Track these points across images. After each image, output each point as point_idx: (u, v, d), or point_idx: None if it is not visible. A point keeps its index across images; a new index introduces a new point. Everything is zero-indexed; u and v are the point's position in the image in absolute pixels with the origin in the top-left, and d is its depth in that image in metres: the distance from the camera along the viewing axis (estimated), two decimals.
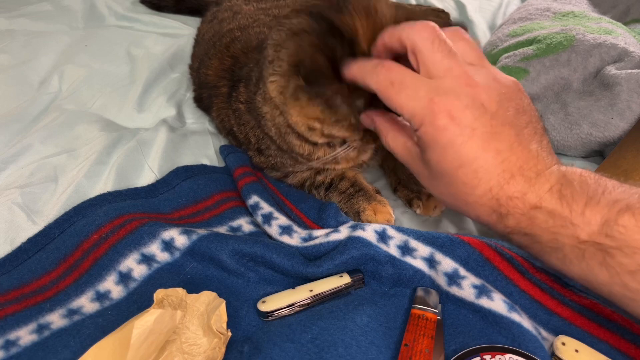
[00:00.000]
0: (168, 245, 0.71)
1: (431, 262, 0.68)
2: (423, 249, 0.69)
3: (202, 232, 0.74)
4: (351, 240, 0.69)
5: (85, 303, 0.67)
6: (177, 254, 0.72)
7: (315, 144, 0.79)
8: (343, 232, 0.72)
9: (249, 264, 0.71)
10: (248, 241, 0.72)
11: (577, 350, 0.59)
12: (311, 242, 0.72)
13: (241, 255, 0.71)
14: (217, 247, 0.71)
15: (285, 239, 0.74)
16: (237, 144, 0.95)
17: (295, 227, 0.76)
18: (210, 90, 1.00)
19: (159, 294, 0.60)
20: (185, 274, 0.71)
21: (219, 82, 0.96)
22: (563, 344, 0.60)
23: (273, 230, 0.76)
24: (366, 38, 0.62)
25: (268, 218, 0.77)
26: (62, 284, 0.70)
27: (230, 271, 0.71)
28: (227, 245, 0.71)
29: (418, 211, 0.82)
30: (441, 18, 1.27)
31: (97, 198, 0.82)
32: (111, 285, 0.69)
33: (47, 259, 0.73)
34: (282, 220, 0.77)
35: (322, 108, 0.68)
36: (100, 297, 0.68)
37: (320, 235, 0.73)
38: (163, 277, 0.70)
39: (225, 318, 0.60)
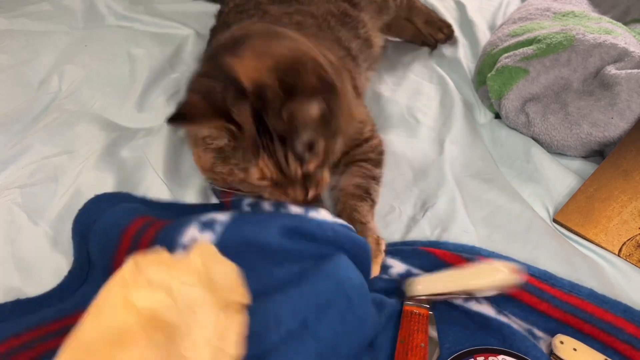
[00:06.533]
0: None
1: (409, 275, 0.70)
2: (400, 266, 0.71)
3: (224, 217, 0.66)
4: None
5: None
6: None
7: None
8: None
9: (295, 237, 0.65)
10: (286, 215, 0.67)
11: (575, 349, 0.60)
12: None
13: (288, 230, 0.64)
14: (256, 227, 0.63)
15: (283, 210, 0.71)
16: None
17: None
18: None
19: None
20: None
21: None
22: (561, 342, 0.61)
23: (267, 208, 0.73)
24: (249, 78, 0.64)
25: (255, 204, 0.74)
26: None
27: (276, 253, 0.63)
28: (272, 221, 0.65)
29: None
30: (443, 33, 1.25)
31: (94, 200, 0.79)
32: None
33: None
34: (269, 204, 0.74)
35: (213, 156, 0.67)
36: None
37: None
38: None
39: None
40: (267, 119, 0.63)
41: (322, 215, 0.69)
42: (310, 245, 0.64)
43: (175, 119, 0.62)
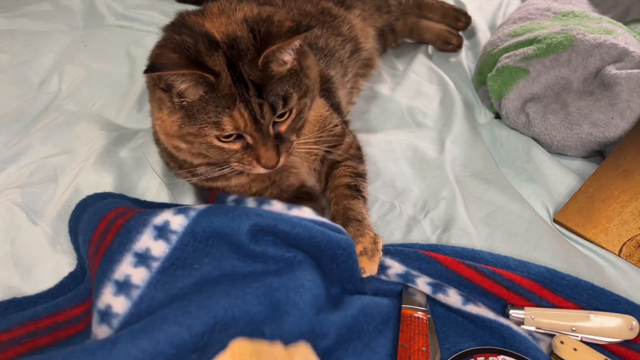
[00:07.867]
0: (162, 231, 0.61)
1: (407, 276, 0.69)
2: (398, 267, 0.70)
3: (200, 206, 0.66)
4: None
5: (96, 330, 0.58)
6: (174, 239, 0.61)
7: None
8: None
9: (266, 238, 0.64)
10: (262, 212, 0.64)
11: (575, 349, 0.60)
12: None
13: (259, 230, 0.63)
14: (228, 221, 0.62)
15: (266, 207, 0.70)
16: None
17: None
18: None
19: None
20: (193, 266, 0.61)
21: None
22: (562, 342, 0.61)
23: (250, 204, 0.72)
24: (219, 32, 0.65)
25: (240, 200, 0.75)
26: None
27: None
28: (245, 217, 0.62)
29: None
30: (461, 22, 1.25)
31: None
32: (110, 298, 0.58)
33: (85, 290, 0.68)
34: (253, 199, 0.74)
35: (181, 116, 0.65)
36: (104, 315, 0.58)
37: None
38: (169, 276, 0.60)
39: None
40: (243, 67, 0.63)
41: (305, 213, 0.68)
42: (278, 249, 0.64)
43: (152, 69, 0.61)
